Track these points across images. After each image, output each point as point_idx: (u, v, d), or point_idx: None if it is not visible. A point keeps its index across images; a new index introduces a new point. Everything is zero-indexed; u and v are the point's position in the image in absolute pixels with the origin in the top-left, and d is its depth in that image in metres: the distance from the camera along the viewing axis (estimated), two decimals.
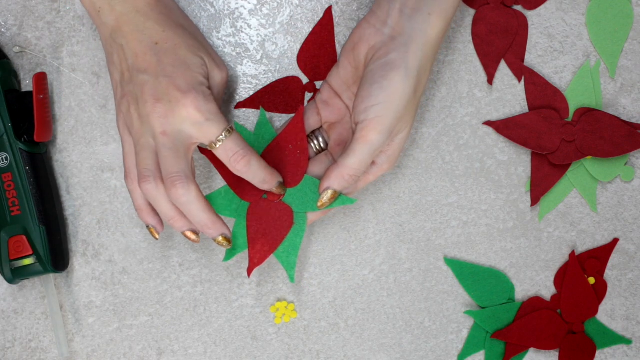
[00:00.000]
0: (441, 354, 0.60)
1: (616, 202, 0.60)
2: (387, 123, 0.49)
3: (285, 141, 0.53)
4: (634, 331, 0.60)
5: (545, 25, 0.59)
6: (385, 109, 0.49)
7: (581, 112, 0.58)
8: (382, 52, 0.50)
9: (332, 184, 0.51)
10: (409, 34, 0.49)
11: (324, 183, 0.51)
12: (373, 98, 0.49)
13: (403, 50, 0.49)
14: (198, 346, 0.59)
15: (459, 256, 0.60)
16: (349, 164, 0.50)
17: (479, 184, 0.59)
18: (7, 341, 0.59)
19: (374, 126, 0.49)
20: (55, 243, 0.56)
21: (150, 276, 0.59)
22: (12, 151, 0.55)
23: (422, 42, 0.49)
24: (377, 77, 0.49)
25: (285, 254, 0.53)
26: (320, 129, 0.55)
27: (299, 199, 0.53)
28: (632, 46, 0.59)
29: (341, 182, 0.50)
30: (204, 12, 0.58)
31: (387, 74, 0.49)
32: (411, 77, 0.49)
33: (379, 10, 0.50)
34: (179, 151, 0.47)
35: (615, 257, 0.60)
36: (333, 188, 0.51)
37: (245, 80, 0.59)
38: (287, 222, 0.53)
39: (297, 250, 0.53)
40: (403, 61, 0.49)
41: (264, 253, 0.53)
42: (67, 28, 0.58)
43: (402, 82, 0.49)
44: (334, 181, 0.51)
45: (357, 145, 0.49)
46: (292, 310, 0.59)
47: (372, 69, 0.50)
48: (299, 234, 0.53)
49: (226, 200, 0.54)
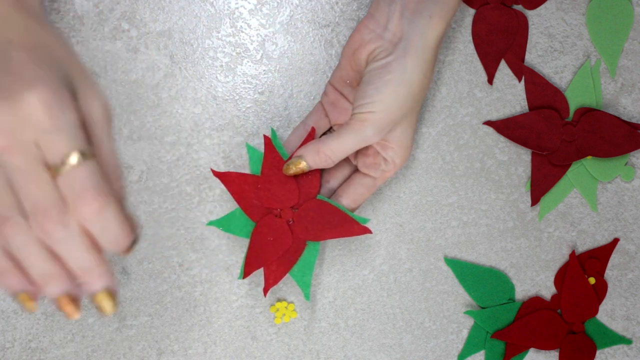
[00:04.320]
0: (441, 354, 0.60)
1: (616, 202, 0.60)
2: (380, 120, 0.50)
3: None
4: (634, 331, 0.60)
5: (545, 25, 0.59)
6: (377, 107, 0.49)
7: (581, 112, 0.58)
8: (382, 55, 0.50)
9: (305, 154, 0.51)
10: (409, 38, 0.49)
11: (299, 150, 0.52)
12: (368, 97, 0.50)
13: (402, 54, 0.49)
14: (198, 346, 0.59)
15: (459, 256, 0.60)
16: (330, 144, 0.51)
17: (479, 184, 0.59)
18: (7, 341, 0.59)
19: (367, 119, 0.50)
20: None
21: (150, 276, 0.59)
22: None
23: (422, 45, 0.50)
24: (373, 79, 0.50)
25: (300, 273, 0.54)
26: (330, 130, 0.56)
27: None
28: (632, 46, 0.59)
29: (314, 156, 0.51)
30: (203, 12, 0.58)
31: (384, 76, 0.49)
32: (407, 81, 0.49)
33: (378, 13, 0.50)
34: (37, 171, 0.33)
35: (615, 257, 0.60)
36: (304, 159, 0.51)
37: (245, 80, 0.59)
38: (301, 243, 0.53)
39: (312, 269, 0.53)
40: (400, 65, 0.49)
41: (279, 273, 0.53)
42: (67, 28, 0.58)
43: (398, 85, 0.49)
44: (308, 153, 0.51)
45: (344, 131, 0.50)
46: (292, 310, 0.59)
47: (370, 70, 0.50)
48: (313, 253, 0.53)
49: (241, 222, 0.54)
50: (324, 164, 0.51)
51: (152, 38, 0.58)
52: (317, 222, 0.52)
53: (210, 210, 0.59)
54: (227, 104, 0.59)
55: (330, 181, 0.55)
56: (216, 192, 0.59)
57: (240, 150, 0.59)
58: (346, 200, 0.54)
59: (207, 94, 0.59)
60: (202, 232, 0.59)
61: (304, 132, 0.54)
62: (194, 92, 0.58)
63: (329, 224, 0.52)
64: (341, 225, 0.52)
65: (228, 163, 0.58)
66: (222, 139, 0.58)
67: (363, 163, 0.54)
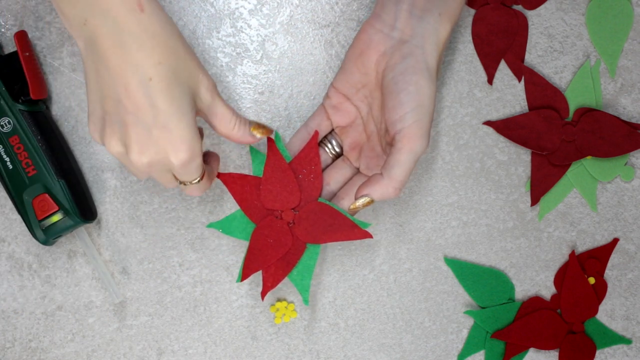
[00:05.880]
0: (441, 354, 0.60)
1: (616, 202, 0.60)
2: (425, 126, 0.48)
3: (299, 165, 0.53)
4: (634, 331, 0.60)
5: (545, 25, 0.59)
6: (420, 113, 0.48)
7: (581, 112, 0.58)
8: (397, 57, 0.49)
9: (373, 194, 0.49)
10: (421, 35, 0.49)
11: (365, 189, 0.49)
12: (405, 105, 0.48)
13: (419, 52, 0.48)
14: (198, 346, 0.59)
15: (459, 256, 0.60)
16: (396, 175, 0.48)
17: (479, 184, 0.59)
18: (7, 341, 0.59)
19: (414, 132, 0.48)
20: (79, 194, 0.56)
21: (150, 276, 0.59)
22: (13, 114, 0.54)
23: (436, 41, 0.49)
24: (401, 84, 0.48)
25: (300, 276, 0.53)
26: (332, 133, 0.55)
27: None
28: (632, 46, 0.59)
29: (384, 193, 0.49)
30: (204, 12, 0.58)
31: (411, 79, 0.48)
32: (434, 77, 0.48)
33: (384, 13, 0.50)
34: (166, 175, 0.47)
35: (615, 257, 0.60)
36: (372, 197, 0.49)
37: (245, 80, 0.59)
38: (301, 246, 0.53)
39: (311, 273, 0.53)
40: (423, 63, 0.48)
41: (278, 276, 0.53)
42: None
43: (428, 83, 0.48)
44: (378, 191, 0.49)
45: (401, 156, 0.48)
46: (292, 310, 0.59)
47: (393, 76, 0.49)
48: (312, 257, 0.53)
49: (241, 224, 0.54)
50: (398, 194, 0.49)
51: None
52: (318, 224, 0.52)
53: (210, 210, 0.59)
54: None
55: (331, 183, 0.54)
56: (216, 192, 0.59)
57: (240, 150, 0.59)
58: (348, 202, 0.53)
59: None
60: (202, 232, 0.59)
61: (306, 135, 0.54)
62: None
63: (330, 227, 0.52)
64: (342, 229, 0.52)
65: (228, 163, 0.58)
66: (222, 139, 0.58)
67: (365, 165, 0.54)
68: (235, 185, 0.53)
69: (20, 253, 0.59)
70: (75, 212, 0.55)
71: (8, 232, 0.59)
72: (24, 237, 0.59)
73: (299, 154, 0.53)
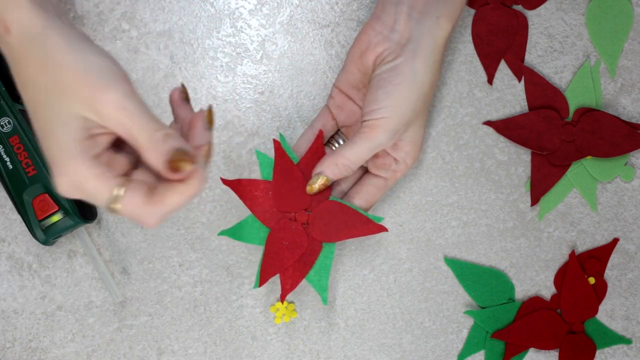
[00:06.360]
0: (441, 354, 0.60)
1: (616, 202, 0.60)
2: (392, 125, 0.49)
3: (307, 166, 0.53)
4: (634, 331, 0.60)
5: (545, 25, 0.59)
6: (390, 112, 0.49)
7: (581, 112, 0.58)
8: (389, 58, 0.50)
9: (324, 170, 0.51)
10: (418, 39, 0.49)
11: (317, 168, 0.52)
12: (380, 102, 0.49)
13: (411, 55, 0.49)
14: (198, 346, 0.59)
15: (459, 256, 0.60)
16: (346, 154, 0.51)
17: (479, 184, 0.59)
18: (7, 341, 0.59)
19: (379, 125, 0.49)
20: None
21: (150, 276, 0.59)
22: (13, 114, 0.55)
23: (431, 46, 0.49)
24: (382, 82, 0.49)
25: (317, 276, 0.54)
26: (338, 132, 0.56)
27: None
28: (632, 46, 0.59)
29: (334, 169, 0.51)
30: (204, 12, 0.58)
31: (393, 79, 0.49)
32: (418, 83, 0.49)
33: (384, 15, 0.50)
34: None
35: (615, 257, 0.60)
36: (325, 174, 0.51)
37: (245, 80, 0.59)
38: (317, 246, 0.53)
39: (328, 273, 0.53)
40: (410, 67, 0.49)
41: (296, 278, 0.53)
42: None
43: (409, 88, 0.49)
44: (327, 167, 0.51)
45: (358, 139, 0.50)
46: (292, 310, 0.59)
47: (379, 73, 0.50)
48: (328, 256, 0.53)
49: (253, 229, 0.54)
50: (345, 173, 0.52)
51: (152, 38, 0.58)
52: (333, 223, 0.53)
53: (210, 210, 0.59)
54: (227, 104, 0.59)
55: (342, 183, 0.55)
56: (216, 192, 0.59)
57: (240, 150, 0.59)
58: (359, 201, 0.54)
59: (207, 94, 0.59)
60: (202, 232, 0.59)
61: (312, 136, 0.55)
62: (194, 92, 0.58)
63: (344, 224, 0.52)
64: (357, 225, 0.52)
65: (228, 163, 0.58)
66: (222, 139, 0.58)
67: (373, 164, 0.54)
68: (245, 191, 0.53)
69: (20, 253, 0.59)
70: (75, 212, 0.55)
71: (8, 232, 0.59)
72: (24, 237, 0.59)
73: (306, 155, 0.54)
